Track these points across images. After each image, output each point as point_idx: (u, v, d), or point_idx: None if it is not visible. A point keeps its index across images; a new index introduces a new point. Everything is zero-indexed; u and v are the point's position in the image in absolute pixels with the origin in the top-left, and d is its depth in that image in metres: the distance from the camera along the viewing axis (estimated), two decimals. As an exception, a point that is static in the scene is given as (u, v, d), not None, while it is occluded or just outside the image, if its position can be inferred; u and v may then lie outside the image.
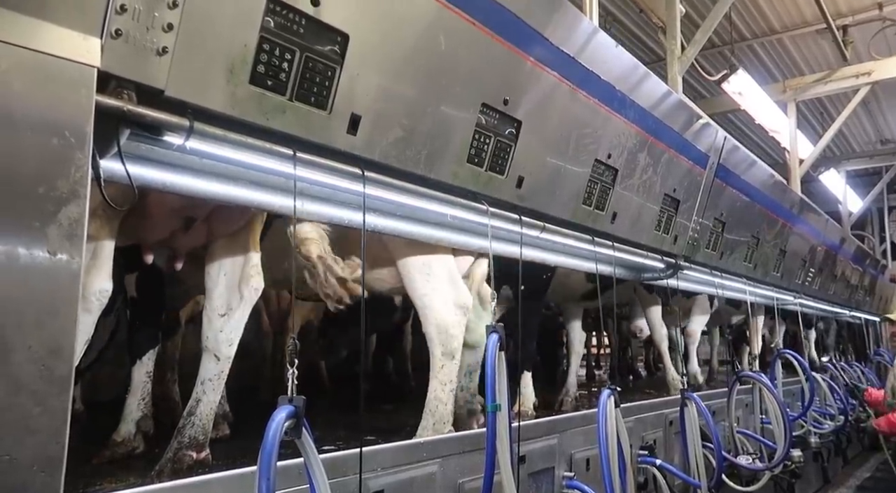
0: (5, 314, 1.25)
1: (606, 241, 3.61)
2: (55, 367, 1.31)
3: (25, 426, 1.25)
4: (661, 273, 4.49)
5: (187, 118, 1.65)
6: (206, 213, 2.51)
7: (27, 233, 1.29)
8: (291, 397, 1.71)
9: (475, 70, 2.48)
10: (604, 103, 3.22)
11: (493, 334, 2.53)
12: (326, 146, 2.05)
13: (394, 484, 2.35)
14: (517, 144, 2.78)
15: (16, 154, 1.28)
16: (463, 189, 2.63)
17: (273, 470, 1.48)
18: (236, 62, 1.72)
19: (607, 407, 2.99)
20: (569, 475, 3.23)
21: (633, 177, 3.66)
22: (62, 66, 1.36)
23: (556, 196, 3.16)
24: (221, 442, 3.12)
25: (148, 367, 2.90)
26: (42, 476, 1.26)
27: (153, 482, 1.99)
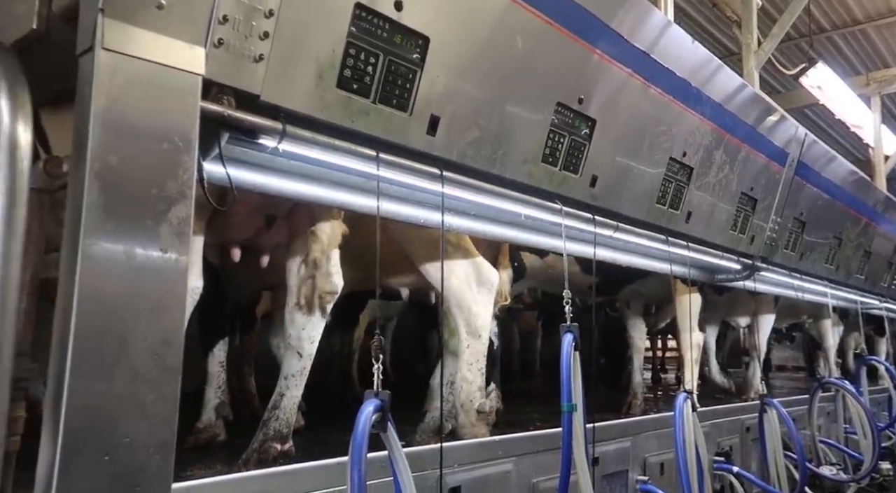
0: (124, 308, 1.34)
1: (681, 241, 3.52)
2: (167, 357, 1.40)
3: (142, 412, 1.34)
4: (737, 275, 4.34)
5: (280, 122, 1.73)
6: (286, 210, 2.60)
7: (142, 232, 1.38)
8: (377, 392, 1.75)
9: (550, 69, 2.48)
10: (679, 100, 3.15)
11: (568, 334, 2.52)
12: (407, 147, 2.09)
13: (470, 481, 2.37)
14: (591, 142, 2.76)
15: (133, 158, 1.38)
16: (537, 188, 2.63)
17: (363, 462, 1.53)
18: (325, 67, 1.79)
19: (684, 411, 2.92)
20: (643, 478, 3.18)
21: (708, 175, 3.56)
22: (172, 75, 1.45)
23: (630, 195, 3.11)
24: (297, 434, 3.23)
25: (220, 358, 3.04)
26: (157, 459, 1.35)
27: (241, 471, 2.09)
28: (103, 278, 1.33)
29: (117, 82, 1.36)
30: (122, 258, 1.35)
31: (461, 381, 2.84)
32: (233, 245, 2.56)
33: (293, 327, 2.54)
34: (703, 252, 3.78)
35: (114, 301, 1.33)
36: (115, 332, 1.32)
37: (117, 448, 1.29)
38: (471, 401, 2.81)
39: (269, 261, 2.90)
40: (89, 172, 1.32)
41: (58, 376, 1.28)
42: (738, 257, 4.15)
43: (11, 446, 1.36)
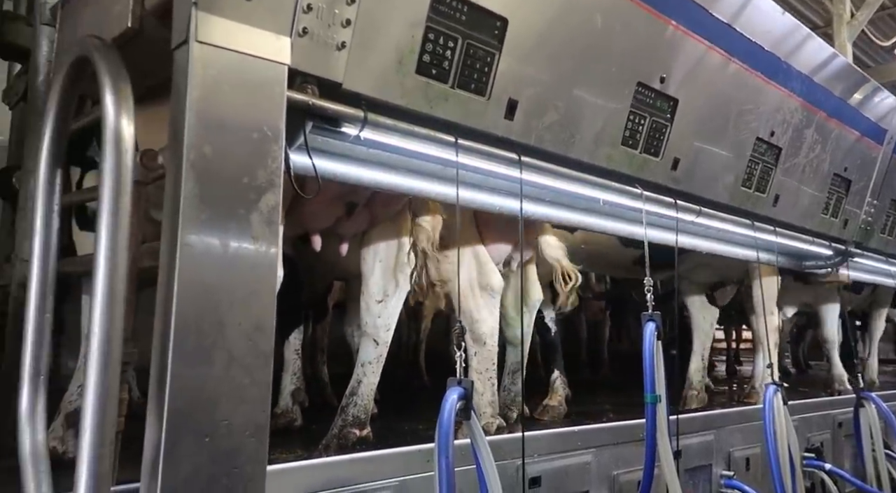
0: (221, 293, 1.37)
1: (767, 226, 3.34)
2: (260, 342, 1.43)
3: (239, 395, 1.37)
4: (828, 261, 4.08)
5: (362, 109, 1.73)
6: (366, 198, 2.62)
7: (235, 220, 1.41)
8: (460, 380, 1.74)
9: (632, 48, 2.38)
10: (766, 75, 2.97)
11: (650, 323, 2.43)
12: (485, 132, 2.06)
13: (550, 472, 2.34)
14: (673, 123, 2.64)
15: (226, 149, 1.41)
16: (616, 172, 2.54)
17: (451, 449, 1.52)
18: (405, 53, 1.77)
19: (774, 404, 2.78)
20: (728, 473, 3.05)
21: (798, 156, 3.35)
22: (260, 66, 1.47)
23: (714, 178, 2.97)
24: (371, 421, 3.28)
25: (296, 345, 3.10)
26: (252, 441, 1.39)
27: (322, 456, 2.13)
28: (200, 267, 1.37)
29: (210, 74, 1.39)
30: (217, 246, 1.39)
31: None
32: (313, 233, 2.60)
33: (369, 315, 2.56)
34: (791, 237, 3.58)
35: (210, 288, 1.36)
36: (212, 318, 1.35)
37: (216, 430, 1.32)
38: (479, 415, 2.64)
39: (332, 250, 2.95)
40: (186, 163, 1.36)
41: (161, 360, 1.32)
42: (830, 242, 3.90)
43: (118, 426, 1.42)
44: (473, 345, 2.70)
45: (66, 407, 2.10)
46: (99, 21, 1.76)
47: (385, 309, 2.54)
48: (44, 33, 2.49)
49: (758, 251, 3.33)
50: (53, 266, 1.60)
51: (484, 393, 2.66)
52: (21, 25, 2.94)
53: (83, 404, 1.18)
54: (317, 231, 2.55)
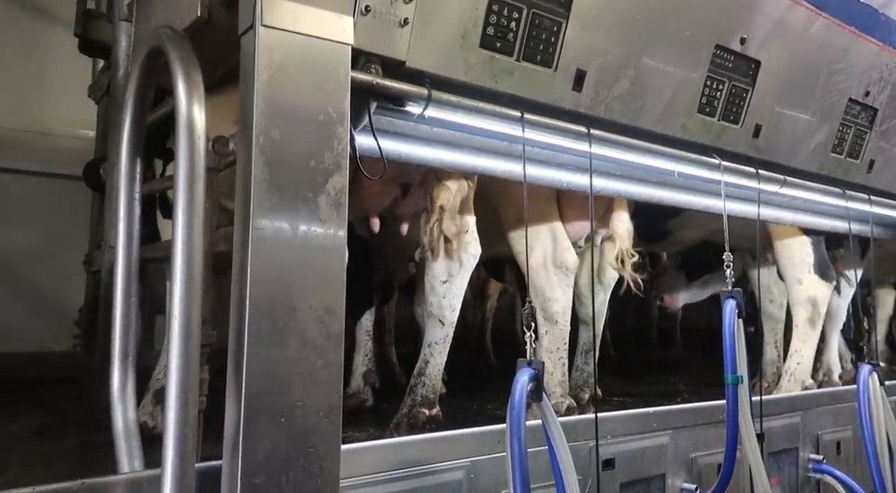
0: (292, 277, 1.39)
1: (861, 194, 3.10)
2: (331, 325, 1.44)
3: (312, 377, 1.40)
4: (929, 231, 3.76)
5: (426, 87, 1.70)
6: (420, 177, 2.60)
7: (304, 204, 1.42)
8: (530, 361, 1.71)
9: (707, 7, 2.23)
10: (860, 30, 2.72)
11: (730, 300, 2.31)
12: (552, 106, 1.99)
13: (624, 454, 2.28)
14: (755, 88, 2.47)
15: (293, 132, 1.41)
16: (692, 143, 2.41)
17: (523, 431, 1.50)
18: (468, 27, 1.72)
19: (869, 385, 2.60)
20: (816, 457, 2.89)
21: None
22: (323, 47, 1.46)
23: (800, 145, 2.77)
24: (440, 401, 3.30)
25: (367, 327, 3.15)
26: (326, 422, 1.41)
27: (393, 436, 2.16)
28: (271, 251, 1.39)
29: (276, 58, 1.39)
30: (288, 230, 1.40)
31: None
32: (372, 216, 2.61)
33: (434, 295, 2.55)
34: (888, 206, 3.31)
35: (282, 271, 1.38)
36: (284, 301, 1.38)
37: (292, 411, 1.35)
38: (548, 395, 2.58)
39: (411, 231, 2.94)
40: (255, 148, 1.37)
41: (237, 342, 1.36)
42: (932, 211, 3.59)
43: (200, 405, 1.48)
44: (545, 324, 2.65)
45: (154, 385, 2.22)
46: (170, 12, 1.80)
47: (450, 289, 2.52)
48: (122, 29, 2.59)
49: (850, 222, 3.10)
50: (136, 253, 1.67)
51: (554, 373, 2.62)
52: (103, 22, 3.08)
53: (167, 385, 1.23)
54: (375, 213, 2.56)
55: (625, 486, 2.29)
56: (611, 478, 2.23)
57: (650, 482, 2.38)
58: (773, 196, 2.85)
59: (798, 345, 3.34)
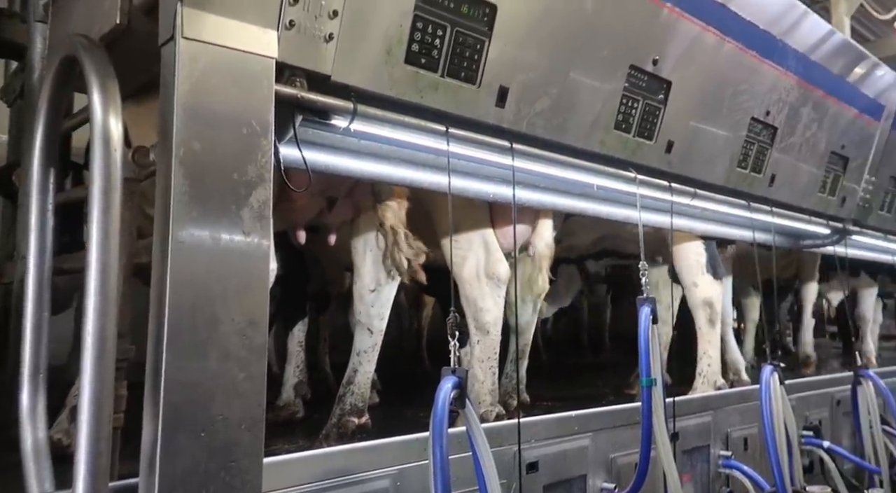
0: (214, 289, 1.39)
1: (764, 206, 3.34)
2: (253, 337, 1.44)
3: (234, 390, 1.39)
4: (826, 240, 4.09)
5: (351, 101, 1.73)
6: (346, 190, 2.61)
7: (227, 216, 1.42)
8: (454, 369, 1.75)
9: (623, 31, 2.36)
10: (761, 54, 2.95)
11: (645, 307, 2.45)
12: (476, 120, 2.06)
13: (547, 456, 2.36)
14: (667, 106, 2.63)
15: (215, 144, 1.41)
16: (610, 157, 2.54)
17: (445, 438, 1.54)
18: (393, 43, 1.77)
19: (770, 384, 2.80)
20: (726, 454, 3.08)
21: (794, 134, 3.34)
22: (247, 60, 1.47)
23: (709, 160, 2.97)
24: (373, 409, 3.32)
25: (299, 338, 3.12)
26: (248, 435, 1.41)
27: (322, 446, 2.16)
28: (192, 263, 1.38)
29: (197, 70, 1.39)
30: (209, 242, 1.40)
31: (471, 379, 2.64)
32: (299, 228, 2.61)
33: (362, 304, 2.57)
34: (788, 217, 3.58)
35: (203, 284, 1.38)
36: (205, 313, 1.37)
37: (213, 425, 1.35)
38: (478, 403, 2.60)
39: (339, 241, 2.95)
40: (175, 160, 1.37)
41: (155, 355, 1.34)
42: (828, 220, 3.90)
43: (117, 422, 1.44)
44: (477, 333, 2.69)
45: (71, 401, 2.14)
46: (88, 17, 1.76)
47: (378, 298, 2.55)
48: (37, 30, 2.48)
49: (754, 232, 3.33)
50: (49, 264, 1.61)
51: (485, 382, 2.66)
52: (16, 22, 2.94)
53: (79, 402, 1.20)
54: (301, 225, 2.56)
55: (548, 488, 2.37)
56: (534, 480, 2.31)
57: (572, 482, 2.48)
58: (685, 207, 3.03)
59: (705, 347, 3.44)
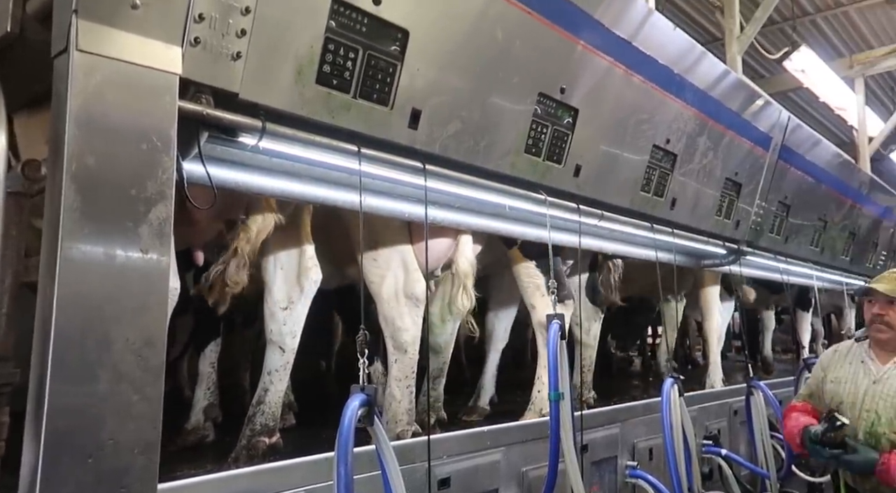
0: (105, 309, 1.34)
1: (666, 228, 3.55)
2: (150, 357, 1.40)
3: (126, 413, 1.34)
4: (723, 259, 4.38)
5: (260, 119, 1.72)
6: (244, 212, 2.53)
7: (123, 233, 1.38)
8: (363, 386, 1.76)
9: (532, 60, 2.48)
10: (661, 87, 3.16)
11: (555, 323, 2.55)
12: (389, 141, 2.09)
13: (460, 472, 2.40)
14: (574, 132, 2.76)
15: (111, 159, 1.37)
16: (521, 179, 2.64)
17: (350, 456, 1.54)
18: (304, 63, 1.78)
19: (671, 396, 2.96)
20: (632, 464, 3.22)
21: (692, 161, 3.58)
22: (148, 75, 1.44)
23: (614, 184, 3.13)
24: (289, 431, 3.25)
25: (211, 359, 3.02)
26: (142, 459, 1.36)
27: (231, 468, 2.10)
28: (83, 281, 1.33)
29: (93, 83, 1.35)
30: (102, 260, 1.35)
31: (389, 397, 2.67)
32: (196, 249, 2.54)
33: (274, 322, 2.52)
34: (688, 238, 3.81)
35: (94, 303, 1.33)
36: (96, 333, 1.32)
37: (101, 449, 1.29)
38: (395, 423, 2.61)
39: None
40: (66, 174, 1.32)
41: (39, 378, 1.28)
42: (724, 242, 4.19)
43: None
44: (395, 352, 2.69)
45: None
46: (-25, 24, 1.67)
47: (290, 316, 2.51)
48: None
49: (657, 252, 3.53)
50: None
51: (402, 401, 2.67)
52: None
53: (-49, 430, 1.13)
54: (199, 246, 2.50)
55: (460, 503, 2.40)
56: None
57: (484, 497, 2.52)
58: (593, 228, 3.18)
59: (540, 372, 3.23)
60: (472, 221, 2.73)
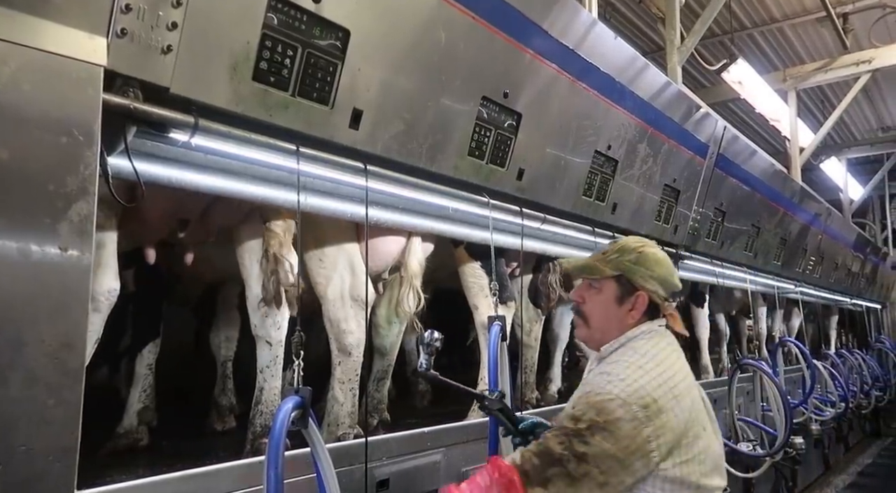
0: (19, 309, 1.28)
1: (607, 232, 3.63)
2: (68, 360, 1.34)
3: (41, 418, 1.29)
4: (662, 263, 4.51)
5: (192, 115, 1.68)
6: (199, 212, 2.49)
7: (39, 229, 1.32)
8: (298, 388, 1.73)
9: (475, 64, 2.50)
10: (603, 95, 3.24)
11: (496, 325, 2.57)
12: (329, 141, 2.08)
13: (398, 473, 2.39)
14: (517, 136, 2.80)
15: (27, 152, 1.31)
16: (465, 182, 2.66)
17: (281, 459, 1.51)
18: (240, 59, 1.75)
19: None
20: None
21: (633, 168, 3.68)
22: (69, 66, 1.38)
23: (557, 188, 3.19)
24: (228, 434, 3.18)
25: (149, 360, 2.93)
26: (58, 466, 1.30)
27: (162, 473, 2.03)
28: (-5, 280, 1.27)
29: (6, 72, 1.29)
30: (16, 257, 1.29)
31: (331, 400, 2.66)
32: (147, 246, 2.46)
33: (256, 315, 2.47)
34: (628, 242, 3.91)
35: (6, 302, 1.27)
36: (8, 335, 1.26)
37: (11, 457, 1.23)
38: (337, 425, 2.61)
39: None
40: (-23, 168, 1.25)
41: (-54, 383, 1.21)
42: (663, 246, 4.30)
43: None
44: (339, 355, 2.65)
45: None
46: None
47: (271, 308, 2.46)
48: None
49: (598, 255, 3.60)
50: None
51: (345, 403, 2.64)
52: None
53: None
54: (150, 244, 2.43)
55: (399, 504, 2.39)
56: (385, 498, 2.32)
57: (424, 498, 2.52)
58: (536, 230, 3.23)
59: (483, 372, 3.19)
60: (416, 223, 2.73)
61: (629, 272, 1.81)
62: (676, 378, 1.67)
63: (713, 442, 1.71)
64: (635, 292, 1.80)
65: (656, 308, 1.82)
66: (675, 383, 1.65)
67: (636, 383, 1.60)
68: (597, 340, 1.86)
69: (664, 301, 1.83)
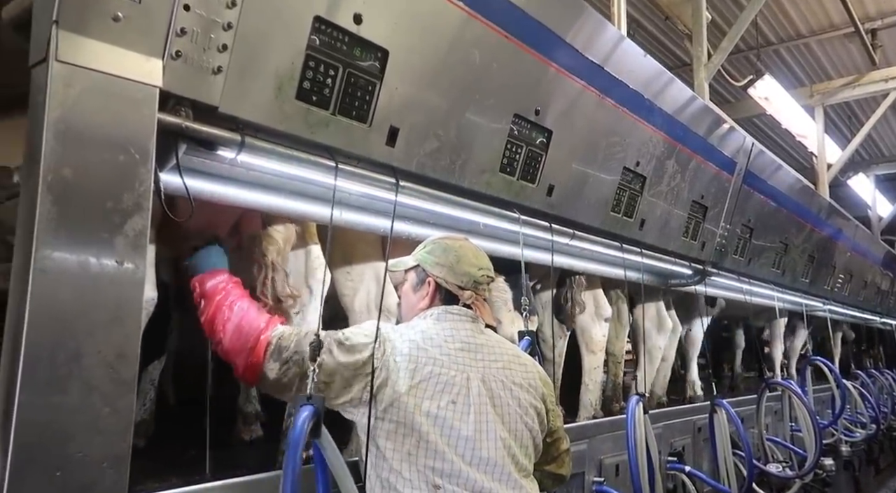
0: (78, 320, 1.33)
1: (635, 247, 3.63)
2: (122, 370, 1.39)
3: (96, 426, 1.33)
4: (689, 279, 4.49)
5: (239, 133, 1.73)
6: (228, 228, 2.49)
7: (97, 244, 1.37)
8: (310, 396, 1.72)
9: (507, 82, 2.54)
10: (631, 111, 3.25)
11: (525, 340, 2.59)
12: (366, 157, 2.12)
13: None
14: (548, 153, 2.83)
15: (88, 170, 1.37)
16: (495, 198, 2.69)
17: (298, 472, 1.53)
18: (284, 79, 1.80)
19: (636, 414, 3.02)
20: (598, 479, 3.26)
21: (661, 184, 3.68)
22: (128, 87, 1.44)
23: (586, 204, 3.20)
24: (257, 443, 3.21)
25: (153, 375, 2.91)
26: (111, 473, 1.34)
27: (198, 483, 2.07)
28: (56, 291, 1.32)
29: (72, 94, 1.35)
30: (76, 270, 1.34)
31: None
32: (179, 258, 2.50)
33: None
34: (656, 258, 3.91)
35: (66, 314, 1.32)
36: (67, 345, 1.31)
37: (69, 463, 1.28)
38: None
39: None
40: (42, 184, 1.31)
41: (7, 389, 1.26)
42: (690, 262, 4.30)
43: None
44: None
45: None
46: (-51, 28, 1.66)
47: (304, 320, 2.48)
48: None
49: (625, 270, 3.61)
50: None
51: None
52: None
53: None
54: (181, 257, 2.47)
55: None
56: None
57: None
58: (565, 246, 3.24)
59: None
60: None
61: (422, 261, 2.05)
62: (425, 344, 1.84)
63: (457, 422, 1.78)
64: (426, 279, 2.01)
65: (452, 296, 1.99)
66: (418, 342, 1.84)
67: (384, 328, 1.88)
68: None
69: (460, 289, 1.99)
